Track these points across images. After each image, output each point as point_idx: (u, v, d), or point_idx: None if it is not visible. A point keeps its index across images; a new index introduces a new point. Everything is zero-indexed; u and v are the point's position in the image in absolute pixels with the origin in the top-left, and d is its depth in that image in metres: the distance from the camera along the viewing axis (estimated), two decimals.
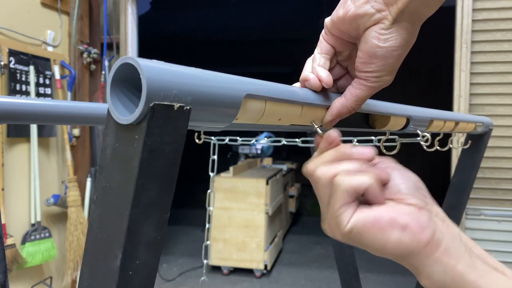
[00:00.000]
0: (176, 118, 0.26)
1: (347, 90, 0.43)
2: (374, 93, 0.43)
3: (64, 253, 2.56)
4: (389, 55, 0.39)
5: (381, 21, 0.38)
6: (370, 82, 0.41)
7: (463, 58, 2.29)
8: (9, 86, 2.21)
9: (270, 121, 0.39)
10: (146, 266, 0.27)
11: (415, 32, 0.39)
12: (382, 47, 0.38)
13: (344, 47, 0.44)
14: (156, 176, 0.26)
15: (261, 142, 4.23)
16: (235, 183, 3.25)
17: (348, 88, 0.43)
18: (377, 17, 0.38)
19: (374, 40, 0.38)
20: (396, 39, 0.38)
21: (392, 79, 0.42)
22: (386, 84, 0.42)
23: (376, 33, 0.38)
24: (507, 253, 2.29)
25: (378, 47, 0.38)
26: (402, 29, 0.38)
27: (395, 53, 0.39)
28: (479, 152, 1.14)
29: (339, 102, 0.43)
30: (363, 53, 0.40)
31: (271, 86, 0.37)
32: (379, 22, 0.38)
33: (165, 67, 0.26)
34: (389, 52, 0.39)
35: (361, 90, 0.42)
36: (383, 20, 0.38)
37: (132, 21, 2.84)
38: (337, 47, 0.44)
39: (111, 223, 0.26)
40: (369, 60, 0.39)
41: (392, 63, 0.39)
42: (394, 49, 0.38)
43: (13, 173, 2.25)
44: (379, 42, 0.38)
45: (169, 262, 3.53)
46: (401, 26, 0.38)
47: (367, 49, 0.39)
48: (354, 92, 0.42)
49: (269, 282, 3.14)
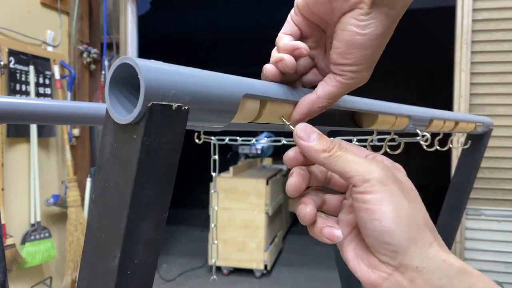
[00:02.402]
0: (174, 118, 0.26)
1: (320, 86, 0.39)
2: (350, 91, 0.39)
3: (64, 253, 2.56)
4: (368, 44, 0.35)
5: (358, 6, 0.34)
6: (346, 79, 0.37)
7: (463, 58, 2.29)
8: (9, 86, 2.21)
9: (269, 121, 0.39)
10: (144, 265, 0.27)
11: (396, 18, 0.36)
12: (362, 34, 0.35)
13: (313, 31, 0.40)
14: (155, 176, 0.27)
15: (261, 142, 4.24)
16: (235, 183, 3.25)
17: (320, 84, 0.39)
18: (354, 1, 0.34)
19: (352, 27, 0.35)
20: (377, 26, 0.35)
21: (369, 77, 0.38)
22: (363, 81, 0.38)
23: (354, 20, 0.35)
24: (507, 253, 2.29)
25: (358, 34, 0.35)
26: (382, 14, 0.34)
27: (375, 42, 0.35)
28: (479, 152, 1.14)
29: (309, 99, 0.39)
30: (340, 42, 0.36)
31: (269, 86, 0.37)
32: (356, 7, 0.34)
33: (163, 67, 0.26)
34: (369, 41, 0.35)
35: (335, 87, 0.38)
36: (360, 4, 0.34)
37: (132, 21, 2.85)
38: (304, 31, 0.40)
39: (110, 223, 0.27)
40: (346, 49, 0.36)
41: (371, 53, 0.36)
42: (375, 37, 0.35)
43: (13, 173, 2.25)
44: (358, 29, 0.35)
45: (169, 262, 3.53)
46: (381, 12, 0.34)
47: (345, 37, 0.35)
48: (327, 89, 0.38)
49: (269, 282, 3.14)
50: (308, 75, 0.43)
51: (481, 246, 2.33)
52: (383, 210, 0.31)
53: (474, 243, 2.34)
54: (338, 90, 0.38)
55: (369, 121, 0.55)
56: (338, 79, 0.37)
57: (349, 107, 0.47)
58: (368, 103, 0.52)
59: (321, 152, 0.34)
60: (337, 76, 0.37)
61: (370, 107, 0.52)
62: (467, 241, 2.34)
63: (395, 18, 0.35)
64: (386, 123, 0.58)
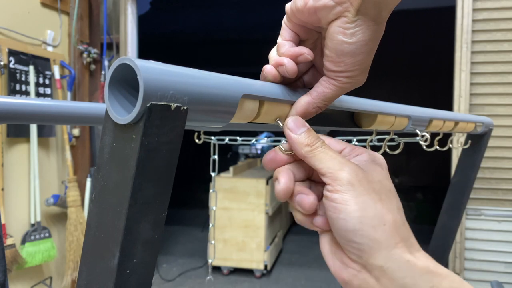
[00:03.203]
0: (173, 118, 0.27)
1: (315, 88, 0.39)
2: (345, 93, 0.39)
3: (64, 253, 2.56)
4: (358, 51, 0.35)
5: (343, 14, 0.34)
6: (341, 83, 0.37)
7: (463, 58, 2.29)
8: (9, 86, 2.21)
9: (267, 121, 0.39)
10: (143, 265, 0.27)
11: (383, 22, 0.35)
12: (350, 43, 0.34)
13: (309, 35, 0.40)
14: (153, 176, 0.27)
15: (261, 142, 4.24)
16: (235, 183, 3.25)
17: (316, 85, 0.39)
18: (338, 10, 0.34)
19: (340, 36, 0.34)
20: (365, 32, 0.34)
21: (365, 79, 0.38)
22: (359, 84, 0.38)
23: (340, 28, 0.34)
24: (507, 253, 2.29)
25: (346, 43, 0.34)
26: (368, 20, 0.34)
27: (365, 48, 0.35)
28: (479, 152, 1.14)
29: (304, 100, 0.39)
30: (330, 51, 0.36)
31: (268, 87, 0.37)
32: (342, 15, 0.34)
33: (162, 68, 0.26)
34: (359, 48, 0.35)
35: (330, 90, 0.38)
36: (345, 13, 0.34)
37: (132, 21, 2.85)
38: (301, 35, 0.40)
39: (109, 222, 0.27)
40: (337, 58, 0.36)
41: (363, 59, 0.36)
42: (364, 43, 0.35)
43: (13, 173, 2.25)
44: (345, 38, 0.34)
45: (169, 262, 3.54)
46: (367, 18, 0.34)
47: (334, 46, 0.35)
48: (322, 91, 0.38)
49: (269, 282, 3.14)
50: (307, 75, 0.43)
51: (481, 246, 2.33)
52: (348, 209, 0.32)
53: (474, 243, 2.34)
54: (332, 93, 0.38)
55: (369, 121, 0.55)
56: (333, 82, 0.38)
57: (348, 107, 0.47)
58: (367, 103, 0.52)
59: (305, 146, 0.35)
60: (332, 80, 0.38)
61: (369, 107, 0.52)
62: (467, 241, 2.34)
63: (382, 21, 0.35)
64: (385, 123, 0.58)
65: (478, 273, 2.34)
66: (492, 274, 2.29)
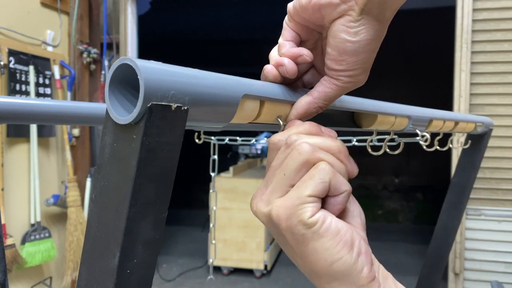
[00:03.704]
0: (173, 118, 0.27)
1: (316, 87, 0.39)
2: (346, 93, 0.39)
3: (63, 253, 2.56)
4: (361, 50, 0.35)
5: (347, 13, 0.34)
6: (342, 82, 0.37)
7: (463, 58, 2.29)
8: (9, 86, 2.21)
9: (268, 121, 0.39)
10: (144, 265, 0.27)
11: (387, 22, 0.35)
12: (353, 41, 0.34)
13: (310, 35, 0.40)
14: (154, 176, 0.27)
15: (261, 142, 4.23)
16: (235, 183, 3.25)
17: (317, 85, 0.39)
18: (343, 8, 0.34)
19: (343, 34, 0.35)
20: (368, 31, 0.34)
21: (366, 79, 0.38)
22: (360, 84, 0.38)
23: (344, 27, 0.34)
24: (507, 253, 2.29)
25: (349, 41, 0.35)
26: (372, 19, 0.34)
27: (368, 47, 0.35)
28: (479, 152, 1.14)
29: (305, 100, 0.39)
30: (332, 49, 0.36)
31: (269, 87, 0.37)
32: (346, 14, 0.34)
33: (162, 68, 0.26)
34: (361, 47, 0.35)
35: (331, 89, 0.38)
36: (349, 11, 0.34)
37: (132, 21, 2.85)
38: (302, 35, 0.40)
39: (109, 222, 0.27)
40: (339, 56, 0.36)
41: (365, 58, 0.36)
42: (367, 42, 0.35)
43: (13, 173, 2.25)
44: (349, 36, 0.34)
45: (169, 262, 3.54)
46: (371, 17, 0.34)
47: (336, 44, 0.35)
48: (323, 90, 0.38)
49: (269, 282, 3.14)
50: (307, 75, 0.43)
51: (481, 246, 2.33)
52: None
53: (474, 243, 2.34)
54: (334, 92, 0.38)
55: (369, 121, 0.54)
56: (334, 82, 0.37)
57: (348, 107, 0.47)
58: (368, 103, 0.52)
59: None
60: (333, 79, 0.37)
61: (369, 107, 0.52)
62: (467, 241, 2.34)
63: (386, 21, 0.35)
64: (385, 123, 0.58)
65: (478, 273, 2.34)
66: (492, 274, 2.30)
